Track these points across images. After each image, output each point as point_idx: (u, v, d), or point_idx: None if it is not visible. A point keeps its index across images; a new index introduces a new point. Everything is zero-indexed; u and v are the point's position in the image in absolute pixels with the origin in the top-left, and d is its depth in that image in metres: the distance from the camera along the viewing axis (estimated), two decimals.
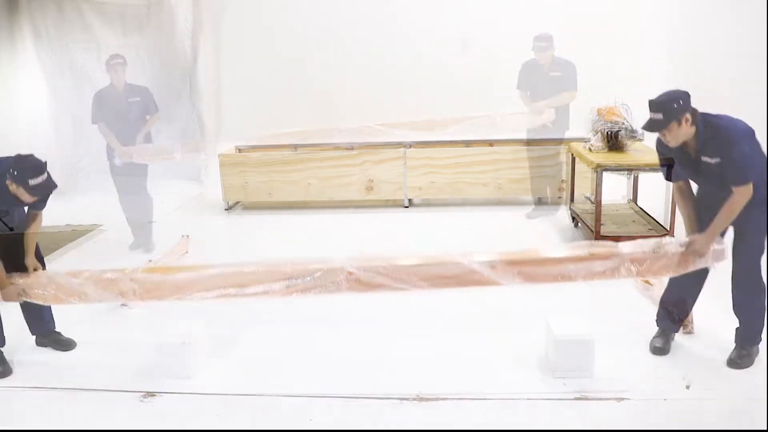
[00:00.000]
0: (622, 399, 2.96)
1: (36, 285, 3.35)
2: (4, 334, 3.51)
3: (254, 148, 7.28)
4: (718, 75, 5.01)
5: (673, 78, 5.89)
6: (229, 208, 6.94)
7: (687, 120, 3.00)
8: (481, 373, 3.27)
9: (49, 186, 3.27)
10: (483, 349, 3.48)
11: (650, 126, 3.09)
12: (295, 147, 7.22)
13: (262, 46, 7.66)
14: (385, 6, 7.42)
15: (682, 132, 3.02)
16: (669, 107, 2.99)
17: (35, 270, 3.44)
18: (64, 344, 3.70)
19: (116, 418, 3.02)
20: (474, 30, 7.37)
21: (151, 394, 3.17)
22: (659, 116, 3.02)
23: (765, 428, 2.72)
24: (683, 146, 3.10)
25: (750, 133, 3.02)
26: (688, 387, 3.04)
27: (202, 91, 7.79)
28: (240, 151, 7.29)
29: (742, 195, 2.96)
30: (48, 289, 3.34)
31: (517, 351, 3.45)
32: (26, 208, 3.52)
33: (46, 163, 3.27)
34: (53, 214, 6.81)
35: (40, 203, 3.45)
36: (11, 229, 3.44)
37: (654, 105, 3.05)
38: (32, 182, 3.16)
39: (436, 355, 3.46)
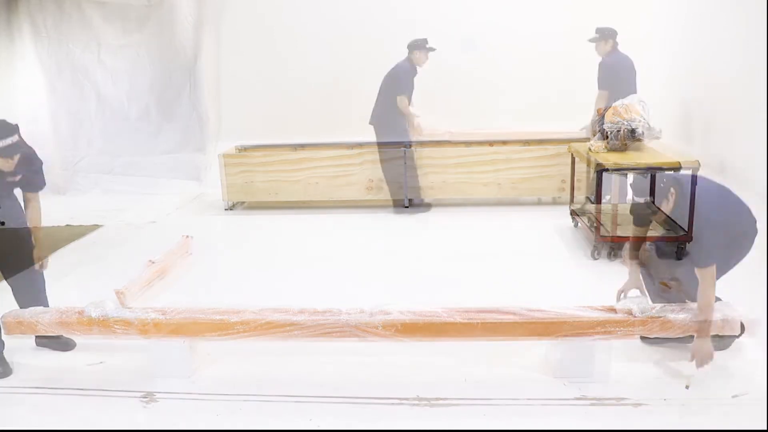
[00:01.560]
0: (623, 400, 2.96)
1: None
2: (2, 338, 3.49)
3: (256, 147, 7.27)
4: (721, 74, 4.99)
5: (676, 77, 5.92)
6: (229, 208, 6.93)
7: (672, 194, 3.27)
8: (482, 374, 3.25)
9: (21, 148, 3.17)
10: (483, 350, 3.45)
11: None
12: (295, 147, 7.21)
13: (264, 43, 7.64)
14: (387, 2, 7.40)
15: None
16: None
17: (41, 266, 3.39)
18: (63, 344, 3.69)
19: (116, 419, 3.00)
20: (476, 28, 7.37)
21: (151, 396, 3.16)
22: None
23: (765, 428, 2.73)
24: None
25: (727, 216, 3.08)
26: (687, 387, 3.04)
27: (203, 89, 7.76)
28: (241, 150, 7.27)
29: (705, 278, 3.00)
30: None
31: (518, 352, 3.43)
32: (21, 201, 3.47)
33: (17, 126, 3.19)
34: (53, 214, 6.91)
35: (29, 182, 3.34)
36: (2, 223, 3.40)
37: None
38: (0, 144, 3.08)
39: (436, 356, 3.44)
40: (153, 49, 7.72)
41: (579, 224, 5.57)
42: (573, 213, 5.68)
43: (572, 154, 5.66)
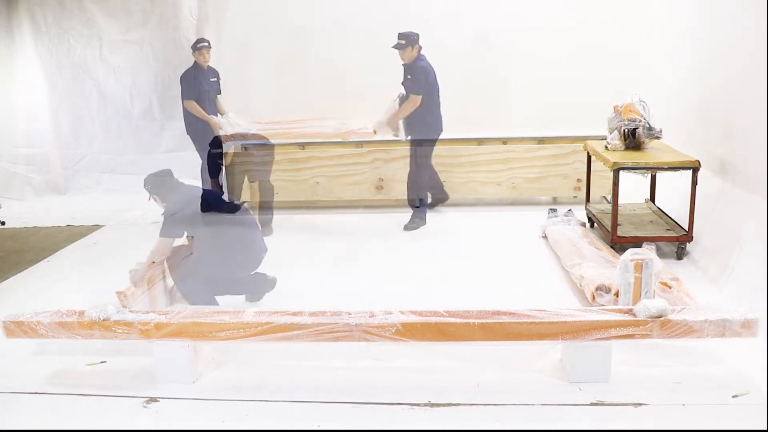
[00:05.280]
0: (640, 405, 2.90)
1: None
2: None
3: (260, 145, 7.13)
4: (721, 74, 4.90)
5: (688, 75, 5.79)
6: None
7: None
8: (495, 378, 3.19)
9: None
10: (496, 354, 3.39)
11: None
12: (303, 145, 7.09)
13: (267, 39, 7.53)
14: None
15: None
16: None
17: None
18: None
19: (118, 424, 2.93)
20: (482, 23, 7.23)
21: (154, 400, 3.09)
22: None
23: (765, 428, 2.71)
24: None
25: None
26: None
27: None
28: (246, 149, 7.13)
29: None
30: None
31: (532, 355, 3.37)
32: None
33: None
34: (54, 214, 6.84)
35: None
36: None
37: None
38: None
39: (448, 360, 3.38)
40: (156, 45, 7.65)
41: (595, 224, 5.44)
42: (589, 213, 5.55)
43: (588, 153, 5.52)
